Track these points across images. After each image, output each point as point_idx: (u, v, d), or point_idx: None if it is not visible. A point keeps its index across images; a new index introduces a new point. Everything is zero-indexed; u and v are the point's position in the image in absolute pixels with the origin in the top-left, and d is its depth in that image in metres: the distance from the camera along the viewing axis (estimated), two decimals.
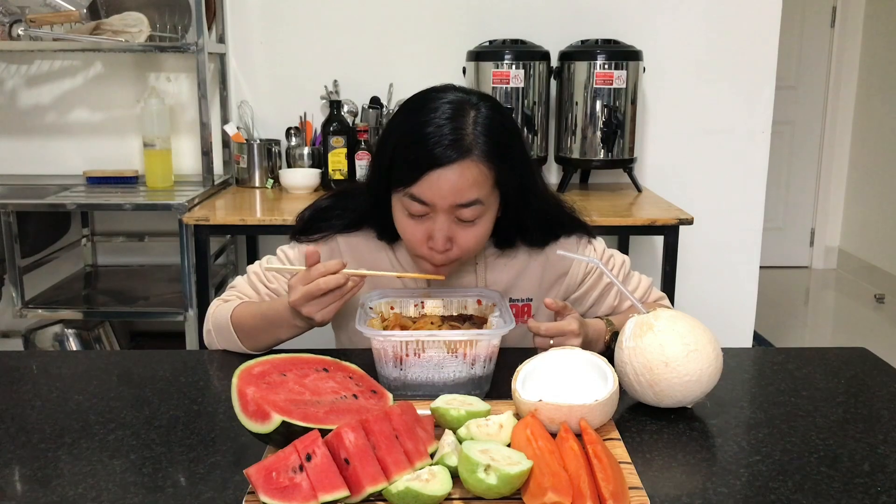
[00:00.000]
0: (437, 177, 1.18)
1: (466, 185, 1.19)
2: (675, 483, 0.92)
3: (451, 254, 1.25)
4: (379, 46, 2.85)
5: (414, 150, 1.20)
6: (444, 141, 1.18)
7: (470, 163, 1.19)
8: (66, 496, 0.88)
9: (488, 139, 1.21)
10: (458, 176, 1.19)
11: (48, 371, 1.25)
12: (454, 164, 1.18)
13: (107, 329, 2.87)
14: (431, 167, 1.18)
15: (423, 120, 1.21)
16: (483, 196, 1.22)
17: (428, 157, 1.19)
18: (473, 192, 1.20)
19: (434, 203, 1.20)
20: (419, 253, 1.26)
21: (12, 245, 2.41)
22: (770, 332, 3.83)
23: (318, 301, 1.18)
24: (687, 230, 2.39)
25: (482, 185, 1.21)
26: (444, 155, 1.18)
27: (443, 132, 1.19)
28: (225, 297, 1.39)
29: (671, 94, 2.89)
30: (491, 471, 0.82)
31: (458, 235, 1.24)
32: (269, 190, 2.75)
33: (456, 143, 1.19)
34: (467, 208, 1.21)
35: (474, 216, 1.23)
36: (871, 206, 4.66)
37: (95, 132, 2.93)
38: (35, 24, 2.54)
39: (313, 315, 1.19)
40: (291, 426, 0.89)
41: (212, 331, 1.35)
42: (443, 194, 1.19)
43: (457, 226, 1.23)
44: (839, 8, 4.74)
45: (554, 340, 1.18)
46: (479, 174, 1.20)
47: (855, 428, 1.05)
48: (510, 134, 1.27)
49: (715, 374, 1.07)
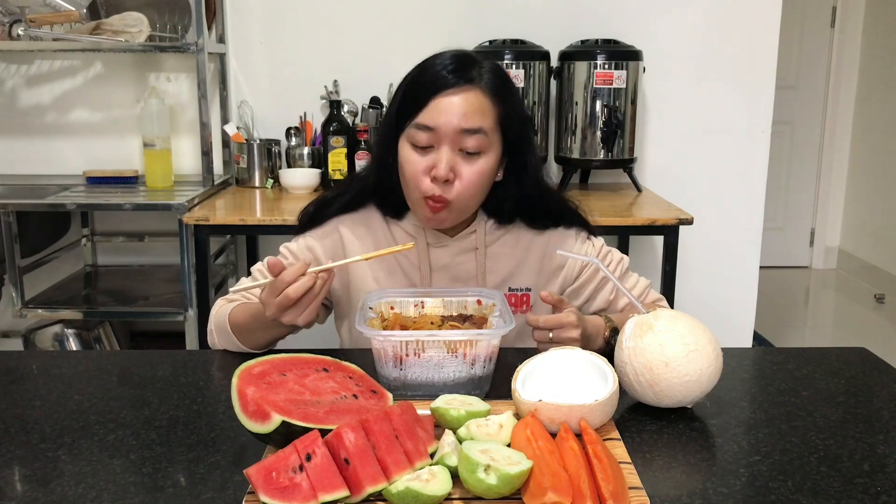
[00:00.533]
0: (443, 100, 1.25)
1: (472, 110, 1.25)
2: (675, 483, 0.92)
3: (450, 191, 1.27)
4: (379, 46, 2.85)
5: (421, 81, 1.28)
6: (450, 68, 1.26)
7: (476, 90, 1.26)
8: (65, 496, 0.88)
9: (493, 79, 1.28)
10: (465, 100, 1.25)
11: (48, 371, 1.25)
12: (460, 88, 1.25)
13: (107, 329, 2.87)
14: (437, 90, 1.25)
15: (432, 60, 1.30)
16: (486, 127, 1.26)
17: (434, 82, 1.26)
18: (477, 119, 1.25)
19: (439, 126, 1.25)
20: (420, 188, 1.28)
21: (12, 245, 2.41)
22: (770, 332, 3.83)
23: (294, 309, 1.18)
24: (687, 230, 2.39)
25: (486, 116, 1.26)
26: (449, 79, 1.25)
27: (448, 64, 1.27)
28: (229, 298, 1.39)
29: (671, 93, 2.89)
30: (491, 471, 0.82)
31: (461, 169, 1.27)
32: (269, 190, 2.75)
33: (462, 71, 1.26)
34: (471, 136, 1.25)
35: (477, 147, 1.26)
36: (871, 206, 4.66)
37: (95, 132, 2.93)
38: (35, 24, 2.54)
39: (294, 321, 1.19)
40: (291, 426, 0.89)
41: (213, 330, 1.35)
42: (449, 117, 1.24)
43: (460, 159, 1.27)
44: (839, 8, 4.74)
45: (553, 333, 1.18)
46: (485, 104, 1.26)
47: (855, 428, 1.05)
48: (512, 89, 1.33)
49: (715, 374, 1.07)
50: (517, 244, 1.40)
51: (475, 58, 1.30)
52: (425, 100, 1.25)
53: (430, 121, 1.25)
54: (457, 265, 1.39)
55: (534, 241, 1.41)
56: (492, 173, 1.31)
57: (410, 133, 1.27)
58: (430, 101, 1.25)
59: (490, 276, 1.39)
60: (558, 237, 1.42)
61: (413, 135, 1.27)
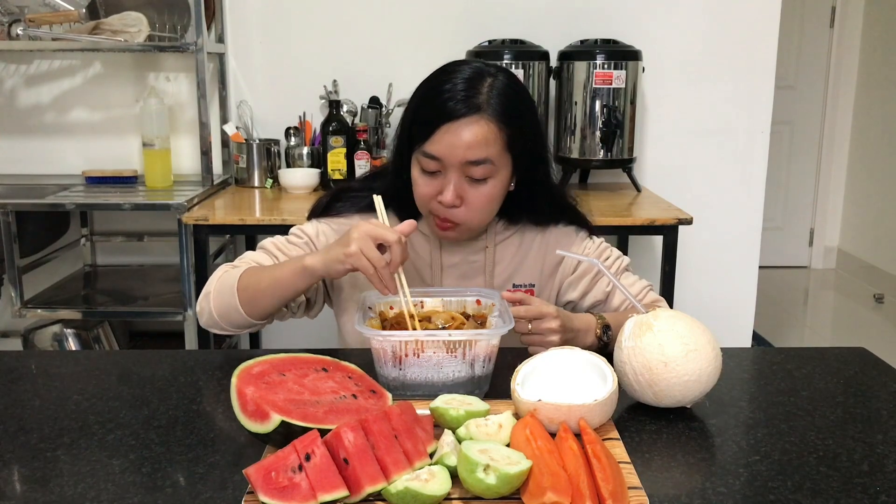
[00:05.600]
0: (449, 131, 1.24)
1: (477, 142, 1.24)
2: (675, 483, 0.92)
3: (458, 213, 1.29)
4: (378, 46, 2.85)
5: (429, 106, 1.27)
6: (458, 96, 1.25)
7: (482, 120, 1.24)
8: (64, 496, 0.88)
9: (502, 101, 1.26)
10: (469, 132, 1.24)
11: (47, 371, 1.25)
12: (466, 119, 1.24)
13: (106, 329, 2.87)
14: (443, 121, 1.24)
15: (442, 80, 1.28)
16: (493, 156, 1.26)
17: (441, 111, 1.25)
18: (483, 150, 1.25)
19: (444, 157, 1.25)
20: (428, 208, 1.30)
21: (11, 245, 2.41)
22: (769, 331, 3.83)
23: (374, 251, 1.14)
24: (686, 230, 2.40)
25: (492, 144, 1.26)
26: (455, 109, 1.24)
27: (457, 89, 1.25)
28: (235, 264, 1.36)
29: (670, 93, 2.89)
30: (490, 471, 0.82)
31: (468, 194, 1.28)
32: (269, 190, 2.75)
33: (469, 100, 1.25)
34: (477, 167, 1.25)
35: (484, 175, 1.27)
36: (871, 206, 4.66)
37: (95, 132, 2.93)
38: (34, 23, 2.54)
39: (359, 261, 1.14)
40: (291, 426, 0.89)
41: (211, 293, 1.30)
42: (453, 150, 1.24)
43: (467, 185, 1.27)
44: (838, 8, 4.74)
45: (532, 324, 1.19)
46: (490, 132, 1.25)
47: (854, 428, 1.05)
48: (524, 102, 1.32)
49: (714, 373, 1.07)
50: (522, 241, 1.43)
51: (486, 72, 1.28)
52: (432, 128, 1.25)
53: (436, 151, 1.26)
54: (467, 263, 1.41)
55: (537, 238, 1.43)
56: (501, 194, 1.32)
57: (419, 158, 1.29)
58: (437, 131, 1.25)
59: (497, 273, 1.41)
60: (560, 235, 1.43)
61: (421, 160, 1.29)
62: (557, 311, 1.21)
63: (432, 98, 1.27)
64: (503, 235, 1.42)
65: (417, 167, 1.30)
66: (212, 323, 1.31)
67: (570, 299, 1.43)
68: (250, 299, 1.27)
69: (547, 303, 1.22)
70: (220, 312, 1.29)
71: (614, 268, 1.42)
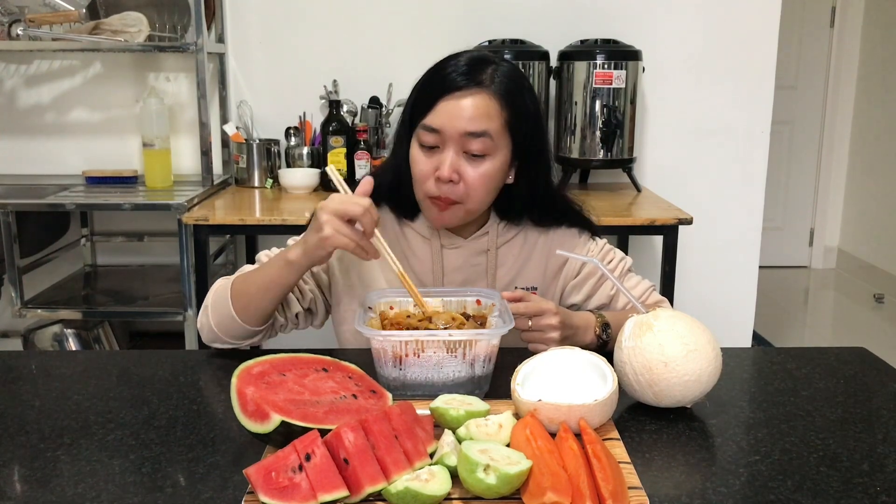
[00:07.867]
0: (450, 103, 1.25)
1: (478, 114, 1.25)
2: (675, 483, 0.92)
3: (456, 190, 1.28)
4: (378, 46, 2.85)
5: (432, 82, 1.28)
6: (461, 71, 1.26)
7: (483, 93, 1.25)
8: (65, 496, 0.88)
9: (504, 82, 1.27)
10: (470, 103, 1.25)
11: (47, 371, 1.25)
12: (467, 90, 1.25)
13: (106, 329, 2.87)
14: (445, 93, 1.25)
15: (446, 61, 1.29)
16: (492, 131, 1.26)
17: (442, 83, 1.26)
18: (483, 122, 1.25)
19: (444, 128, 1.25)
20: (425, 188, 1.29)
21: (11, 245, 2.41)
22: (769, 331, 3.83)
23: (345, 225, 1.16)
24: (686, 230, 2.40)
25: (493, 119, 1.26)
26: (457, 81, 1.25)
27: (460, 64, 1.27)
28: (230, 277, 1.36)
29: (670, 93, 2.89)
30: (490, 471, 0.82)
31: (466, 171, 1.27)
32: (269, 190, 2.75)
33: (471, 74, 1.26)
34: (476, 139, 1.25)
35: (482, 150, 1.26)
36: (871, 206, 4.66)
37: (95, 132, 2.93)
38: (34, 23, 2.54)
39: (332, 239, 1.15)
40: (291, 426, 0.89)
41: (209, 306, 1.31)
42: (453, 120, 1.24)
43: (465, 162, 1.27)
44: (838, 8, 4.74)
45: (532, 321, 1.19)
46: (491, 107, 1.26)
47: (854, 427, 1.05)
48: (527, 90, 1.32)
49: (714, 373, 1.07)
50: (525, 243, 1.42)
51: (491, 59, 1.30)
52: (433, 101, 1.26)
53: (435, 122, 1.26)
54: (469, 266, 1.40)
55: (540, 240, 1.42)
56: (498, 176, 1.31)
57: (419, 133, 1.29)
58: (438, 103, 1.26)
59: (500, 276, 1.40)
60: (563, 236, 1.43)
61: (421, 135, 1.28)
62: (557, 307, 1.21)
63: (435, 75, 1.29)
64: (505, 237, 1.41)
65: (416, 145, 1.30)
66: (213, 337, 1.31)
67: (573, 302, 1.43)
68: (245, 306, 1.27)
69: (546, 300, 1.22)
70: (218, 324, 1.29)
71: (618, 270, 1.41)
